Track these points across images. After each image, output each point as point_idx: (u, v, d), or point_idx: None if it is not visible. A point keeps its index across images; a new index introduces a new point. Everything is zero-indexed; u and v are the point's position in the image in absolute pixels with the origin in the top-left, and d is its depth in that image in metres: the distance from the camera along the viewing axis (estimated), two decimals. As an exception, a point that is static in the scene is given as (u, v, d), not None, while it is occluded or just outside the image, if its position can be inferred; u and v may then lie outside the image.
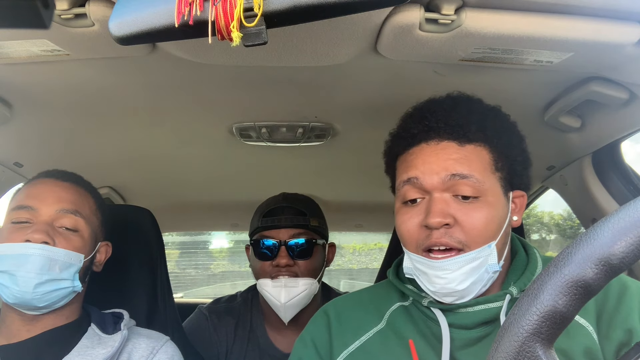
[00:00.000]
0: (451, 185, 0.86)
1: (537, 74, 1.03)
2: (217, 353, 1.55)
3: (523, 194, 0.94)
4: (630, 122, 1.13)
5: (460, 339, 0.88)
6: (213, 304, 1.67)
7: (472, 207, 0.85)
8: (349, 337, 0.96)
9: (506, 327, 0.47)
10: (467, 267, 0.85)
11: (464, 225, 0.85)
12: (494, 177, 0.89)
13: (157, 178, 1.93)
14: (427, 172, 0.87)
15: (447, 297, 0.88)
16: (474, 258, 0.85)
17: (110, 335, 1.08)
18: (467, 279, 0.85)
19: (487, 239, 0.85)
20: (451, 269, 0.85)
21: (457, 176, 0.85)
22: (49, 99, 1.20)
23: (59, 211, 1.05)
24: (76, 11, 0.80)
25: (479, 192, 0.86)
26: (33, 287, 0.97)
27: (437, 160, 0.88)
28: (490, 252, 0.85)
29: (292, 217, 1.48)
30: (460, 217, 0.85)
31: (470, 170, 0.86)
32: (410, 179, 0.89)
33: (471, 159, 0.87)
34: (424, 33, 0.85)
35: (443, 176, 0.86)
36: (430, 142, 0.90)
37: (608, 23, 0.84)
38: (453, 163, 0.86)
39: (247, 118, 1.38)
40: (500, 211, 0.88)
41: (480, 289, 0.87)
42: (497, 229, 0.87)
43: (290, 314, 1.45)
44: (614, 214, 0.46)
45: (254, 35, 0.62)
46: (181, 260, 6.85)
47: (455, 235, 0.85)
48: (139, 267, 1.36)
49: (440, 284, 0.86)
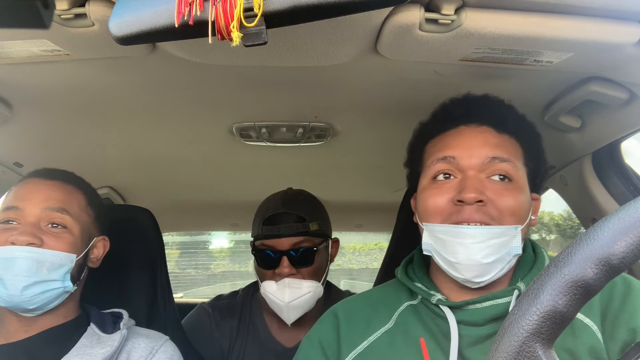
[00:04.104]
0: (488, 167, 0.89)
1: (537, 74, 1.03)
2: (219, 349, 1.55)
3: (538, 198, 0.98)
4: (630, 122, 1.13)
5: (470, 336, 0.88)
6: (215, 300, 1.67)
7: (506, 188, 0.88)
8: (357, 338, 0.96)
9: (506, 327, 0.47)
10: (494, 242, 0.85)
11: (497, 203, 0.87)
12: (524, 169, 0.93)
13: (157, 178, 1.93)
14: (466, 153, 0.90)
15: (467, 272, 0.86)
16: (502, 234, 0.86)
17: (109, 335, 1.08)
18: (492, 254, 0.85)
19: (517, 220, 0.87)
20: (478, 238, 0.85)
21: (497, 159, 0.89)
22: (49, 99, 1.20)
23: (44, 210, 1.03)
24: (76, 11, 0.80)
25: (514, 176, 0.89)
26: (20, 290, 0.96)
27: (477, 142, 0.91)
28: (516, 234, 0.87)
29: (292, 225, 1.45)
30: (493, 196, 0.87)
31: (508, 155, 0.90)
32: (447, 157, 0.91)
33: (508, 146, 0.92)
34: (424, 33, 0.85)
35: (483, 158, 0.89)
36: (470, 124, 0.93)
37: (608, 23, 0.84)
38: (492, 147, 0.90)
39: (247, 118, 1.38)
40: (528, 200, 0.91)
41: (498, 272, 0.88)
42: (525, 215, 0.89)
43: (294, 314, 1.44)
44: (614, 214, 0.46)
45: (254, 35, 0.62)
46: (181, 260, 6.85)
47: (488, 212, 0.86)
48: (139, 267, 1.36)
49: (464, 254, 0.85)
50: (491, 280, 0.88)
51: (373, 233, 3.45)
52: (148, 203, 1.68)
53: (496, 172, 0.89)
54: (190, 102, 1.27)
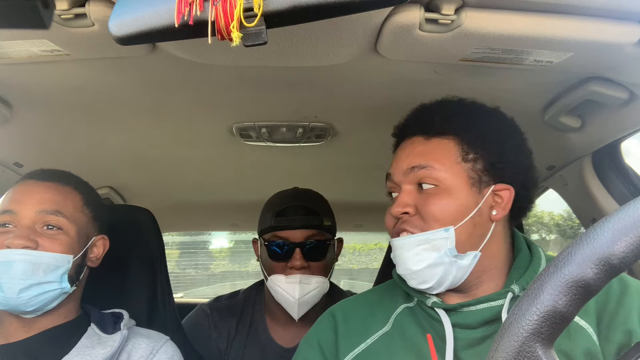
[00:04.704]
0: (413, 177, 0.91)
1: (537, 74, 1.03)
2: (217, 349, 1.55)
3: (509, 188, 0.91)
4: (630, 122, 1.13)
5: (465, 339, 0.88)
6: (214, 301, 1.68)
7: (430, 195, 0.90)
8: (355, 339, 0.97)
9: (506, 327, 0.47)
10: (419, 248, 0.88)
11: (422, 212, 0.90)
12: (459, 167, 0.90)
13: (157, 178, 1.93)
14: (395, 168, 0.95)
15: (411, 280, 0.91)
16: (426, 240, 0.88)
17: (109, 335, 1.08)
18: (423, 260, 0.88)
19: (444, 223, 0.88)
20: (406, 247, 0.90)
21: (416, 168, 0.91)
22: (49, 99, 1.20)
23: (38, 213, 1.03)
24: (76, 11, 0.80)
25: (437, 180, 0.90)
26: (17, 292, 0.96)
27: (403, 155, 0.95)
28: (447, 236, 0.87)
29: (306, 218, 1.47)
30: (420, 206, 0.90)
31: (428, 160, 0.91)
32: (388, 174, 0.98)
33: (433, 150, 0.92)
34: (424, 33, 0.85)
35: (405, 169, 0.93)
36: (405, 140, 0.98)
37: (608, 23, 0.84)
38: (414, 156, 0.93)
39: (247, 118, 1.38)
40: (463, 200, 0.89)
41: (445, 277, 0.88)
42: (457, 215, 0.88)
43: (303, 310, 1.45)
44: (614, 214, 0.46)
45: (254, 35, 0.62)
46: (181, 260, 6.86)
47: (414, 223, 0.90)
48: (139, 267, 1.36)
49: (401, 264, 0.92)
50: (447, 286, 0.89)
51: (373, 233, 3.45)
52: (148, 203, 1.68)
53: (419, 182, 0.91)
54: (190, 102, 1.27)
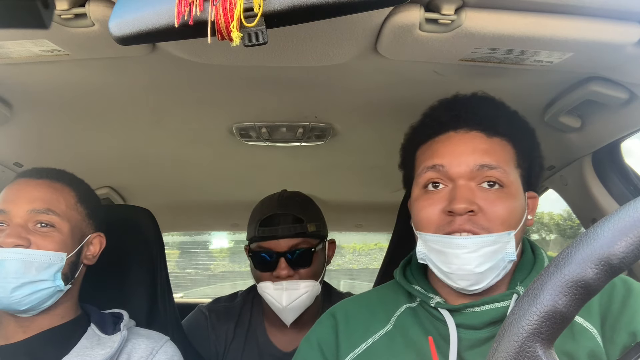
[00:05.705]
0: (478, 175, 0.88)
1: (537, 74, 1.03)
2: (215, 351, 1.55)
3: (535, 196, 0.96)
4: (630, 122, 1.13)
5: (469, 339, 0.88)
6: (213, 303, 1.67)
7: (496, 196, 0.87)
8: (356, 340, 0.96)
9: (506, 327, 0.47)
10: (486, 250, 0.85)
11: (488, 212, 0.86)
12: (516, 172, 0.91)
13: (157, 178, 1.93)
14: (454, 161, 0.88)
15: (461, 281, 0.87)
16: (494, 242, 0.85)
17: (109, 336, 1.08)
18: (485, 262, 0.85)
19: (509, 227, 0.87)
20: (470, 248, 0.84)
21: (486, 167, 0.87)
22: (49, 99, 1.20)
23: (30, 212, 1.03)
24: (76, 11, 0.80)
25: (504, 182, 0.88)
26: (10, 291, 0.96)
27: (466, 149, 0.89)
28: (509, 240, 0.86)
29: (290, 227, 1.44)
30: (484, 205, 0.86)
31: (497, 161, 0.88)
32: (435, 165, 0.90)
33: (498, 150, 0.90)
34: (424, 33, 0.85)
35: (472, 166, 0.88)
36: (459, 130, 0.92)
37: (608, 23, 0.84)
38: (481, 154, 0.88)
39: (247, 118, 1.38)
40: (521, 204, 0.90)
41: (493, 279, 0.87)
42: (517, 220, 0.89)
43: (292, 316, 1.44)
44: (614, 214, 0.46)
45: (254, 35, 0.62)
46: (181, 260, 6.85)
47: (478, 222, 0.86)
48: (139, 267, 1.36)
49: (457, 264, 0.85)
50: (487, 287, 0.88)
51: (373, 233, 3.45)
52: (148, 203, 1.68)
53: (485, 180, 0.88)
54: (190, 102, 1.27)
